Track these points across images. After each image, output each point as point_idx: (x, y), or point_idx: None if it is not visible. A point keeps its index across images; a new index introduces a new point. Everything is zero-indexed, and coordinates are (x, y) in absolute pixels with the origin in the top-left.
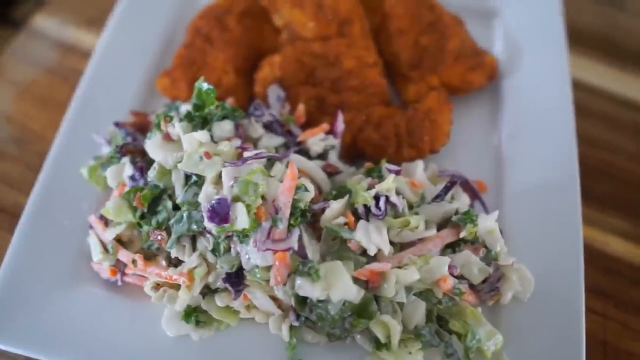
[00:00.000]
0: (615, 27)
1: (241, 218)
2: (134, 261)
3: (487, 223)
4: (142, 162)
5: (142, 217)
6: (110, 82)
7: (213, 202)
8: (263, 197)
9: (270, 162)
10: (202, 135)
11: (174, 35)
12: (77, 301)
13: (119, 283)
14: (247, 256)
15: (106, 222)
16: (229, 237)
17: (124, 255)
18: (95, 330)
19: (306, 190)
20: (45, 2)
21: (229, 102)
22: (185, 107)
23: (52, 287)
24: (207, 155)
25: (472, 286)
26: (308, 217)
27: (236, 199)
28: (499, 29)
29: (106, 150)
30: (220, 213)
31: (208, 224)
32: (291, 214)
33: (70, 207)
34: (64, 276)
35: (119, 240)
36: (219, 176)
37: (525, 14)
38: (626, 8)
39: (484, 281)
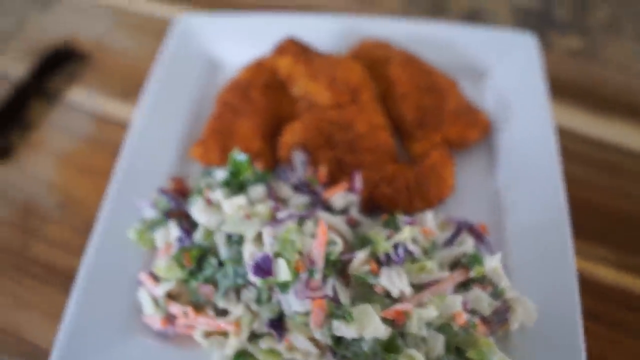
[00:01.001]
0: (590, 77)
1: (283, 271)
2: (185, 313)
3: (492, 263)
4: (187, 224)
5: (190, 273)
6: (148, 151)
7: (257, 258)
8: (299, 252)
9: (302, 219)
10: (240, 199)
11: (200, 106)
12: (132, 352)
13: (171, 333)
14: (288, 304)
15: (155, 278)
16: (270, 288)
17: (175, 308)
18: None
19: (335, 244)
20: (77, 75)
21: (258, 166)
22: (221, 174)
23: (108, 340)
24: (247, 217)
25: (483, 318)
26: (338, 267)
27: (277, 255)
28: (489, 86)
29: (150, 213)
30: (264, 268)
31: (253, 278)
32: (324, 265)
33: (120, 266)
34: (118, 330)
35: (168, 294)
36: (258, 235)
37: (511, 72)
38: (599, 59)
39: (493, 313)
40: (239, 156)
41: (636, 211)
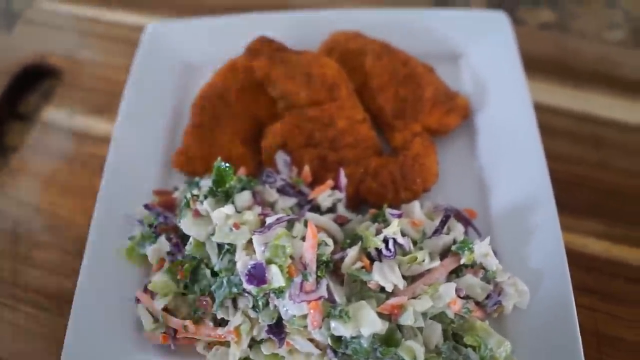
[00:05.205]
0: (564, 50)
1: (276, 278)
2: (185, 327)
3: (482, 249)
4: (176, 237)
5: (185, 286)
6: (131, 165)
7: (249, 267)
8: (291, 257)
9: (290, 222)
10: (228, 208)
11: (179, 114)
12: None
13: (173, 347)
14: (285, 308)
15: (151, 294)
16: (266, 294)
17: (175, 323)
18: None
19: (326, 244)
20: (51, 93)
21: (241, 171)
22: (205, 183)
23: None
24: (236, 226)
25: (477, 303)
26: (331, 267)
27: (269, 261)
28: (464, 68)
29: (139, 229)
30: (257, 276)
31: (247, 286)
32: (317, 267)
33: (114, 285)
34: (120, 348)
35: (165, 309)
36: (249, 242)
37: (486, 52)
38: (570, 31)
39: (487, 297)
40: (223, 165)
41: (622, 183)
